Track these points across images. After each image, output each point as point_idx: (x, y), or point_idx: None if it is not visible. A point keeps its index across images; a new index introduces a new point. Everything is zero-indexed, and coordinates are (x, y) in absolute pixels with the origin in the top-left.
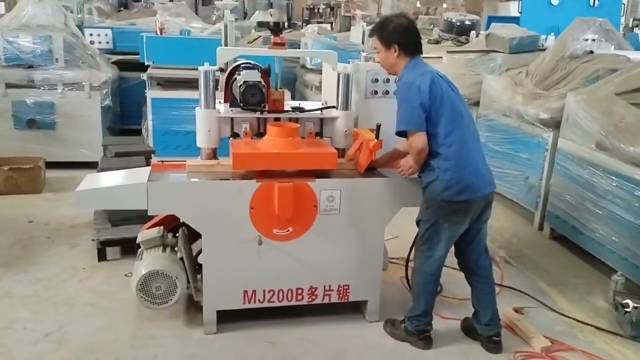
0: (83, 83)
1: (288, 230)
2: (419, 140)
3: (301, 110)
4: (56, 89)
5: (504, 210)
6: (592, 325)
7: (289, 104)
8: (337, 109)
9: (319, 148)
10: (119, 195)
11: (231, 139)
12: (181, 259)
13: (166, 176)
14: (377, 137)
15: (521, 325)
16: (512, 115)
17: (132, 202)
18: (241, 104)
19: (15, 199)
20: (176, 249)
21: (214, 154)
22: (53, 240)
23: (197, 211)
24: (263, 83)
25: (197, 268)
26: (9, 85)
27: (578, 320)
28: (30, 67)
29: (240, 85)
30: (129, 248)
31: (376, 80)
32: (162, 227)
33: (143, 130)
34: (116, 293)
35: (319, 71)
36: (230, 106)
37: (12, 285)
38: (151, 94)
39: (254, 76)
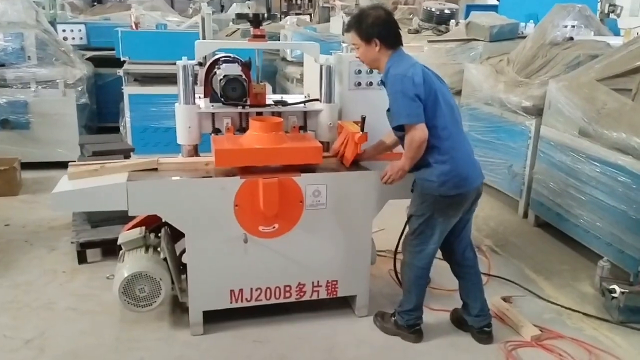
0: (57, 80)
1: (274, 227)
2: (421, 132)
3: (284, 103)
4: (29, 87)
5: (488, 199)
6: (579, 312)
7: (271, 97)
8: (320, 101)
9: (304, 142)
10: (98, 197)
11: (213, 135)
12: (164, 259)
13: (143, 176)
14: (362, 129)
15: (510, 314)
16: (495, 104)
17: (112, 203)
18: (222, 99)
19: None
20: (159, 249)
21: (195, 151)
22: (32, 244)
23: (179, 210)
24: (244, 77)
25: (182, 268)
26: None
27: (566, 307)
28: (2, 65)
29: (221, 80)
30: (110, 249)
31: (359, 72)
32: (144, 228)
33: (121, 128)
34: (98, 296)
35: (299, 64)
36: (211, 101)
37: None
38: (128, 90)
39: (235, 70)
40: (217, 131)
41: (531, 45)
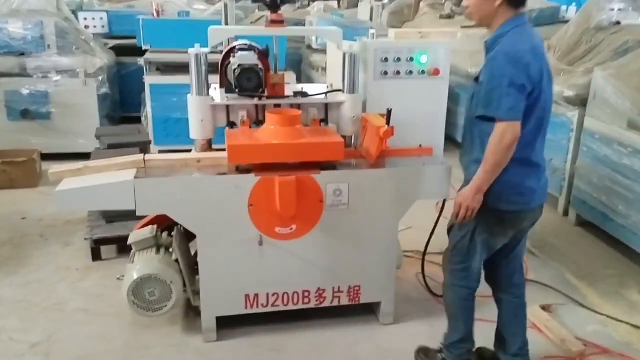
0: (77, 70)
1: (291, 228)
2: (514, 131)
3: (303, 94)
4: (50, 77)
5: None
6: (627, 323)
7: (291, 88)
8: (343, 92)
9: (324, 137)
10: (104, 195)
11: (227, 128)
12: (176, 260)
13: (152, 172)
14: (387, 122)
15: (551, 326)
16: None
17: (119, 202)
18: (236, 90)
19: (9, 194)
20: (171, 249)
21: (209, 146)
22: (46, 239)
23: (190, 210)
24: (260, 66)
25: (196, 268)
26: (0, 74)
27: (612, 318)
28: (22, 54)
29: (235, 69)
30: (126, 246)
31: (385, 60)
32: (155, 226)
33: (142, 118)
34: (110, 296)
35: (325, 51)
36: (226, 92)
37: (0, 289)
38: (149, 79)
39: (250, 58)
40: (231, 124)
41: (574, 29)
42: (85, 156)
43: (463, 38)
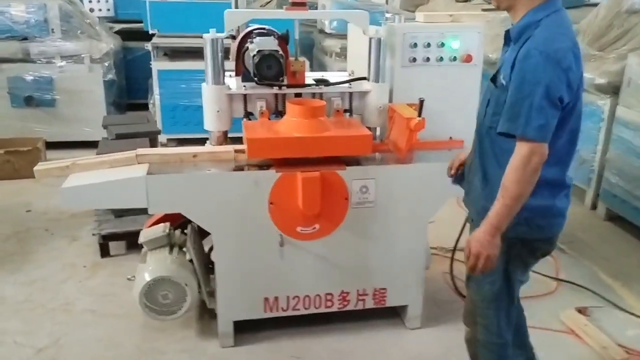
0: (82, 55)
1: (314, 228)
2: (543, 154)
3: (326, 83)
4: (54, 62)
5: None
6: None
7: (310, 75)
8: (368, 80)
9: (350, 130)
10: (113, 192)
11: (244, 119)
12: (191, 260)
13: (165, 168)
14: (419, 114)
15: (590, 331)
16: None
17: (129, 200)
18: (255, 78)
19: (13, 185)
20: (185, 249)
21: (224, 138)
22: (52, 233)
23: (206, 208)
24: (281, 52)
25: (211, 267)
26: (3, 60)
27: None
28: (25, 39)
29: (254, 56)
30: (136, 242)
31: (414, 45)
32: (168, 224)
33: (150, 106)
34: (120, 296)
35: (339, 36)
36: (243, 80)
37: (4, 287)
38: (157, 65)
39: (270, 44)
40: (249, 115)
41: (605, 13)
42: (91, 145)
43: (482, 22)
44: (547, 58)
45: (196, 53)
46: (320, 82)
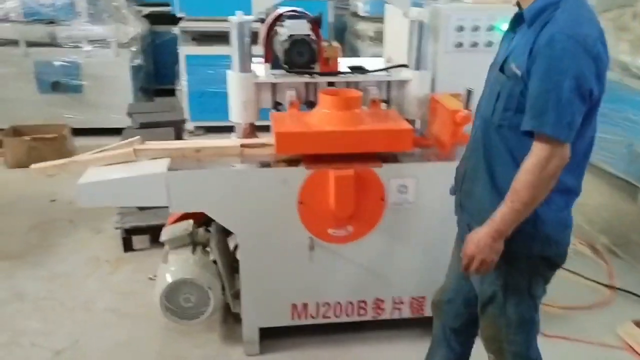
0: (109, 40)
1: (347, 230)
2: (565, 156)
3: (362, 70)
4: (81, 47)
5: (600, 182)
6: None
7: (343, 62)
8: (408, 68)
9: (389, 123)
10: (132, 190)
11: (272, 111)
12: (214, 261)
13: (187, 164)
14: (466, 106)
15: None
16: (614, 68)
17: (149, 198)
18: (285, 65)
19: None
20: (208, 248)
21: (252, 130)
22: (76, 225)
23: (230, 208)
24: (313, 37)
25: (235, 266)
26: (30, 44)
27: None
28: (51, 22)
29: (284, 41)
30: (159, 235)
31: (461, 29)
32: (191, 221)
33: (177, 92)
34: (142, 295)
35: (372, 19)
36: (273, 67)
37: (25, 283)
38: (184, 50)
39: (302, 28)
40: (277, 106)
41: None
42: (118, 132)
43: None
44: (576, 44)
45: (225, 37)
46: (356, 69)
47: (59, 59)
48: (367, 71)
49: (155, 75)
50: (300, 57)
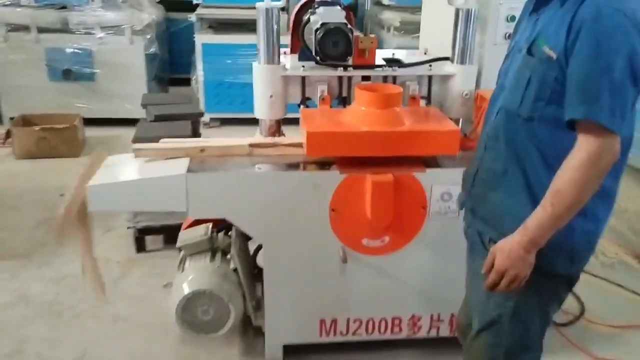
0: (123, 26)
1: (383, 241)
2: (616, 150)
3: (400, 64)
4: (94, 33)
5: (636, 186)
6: None
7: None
8: (451, 61)
9: (433, 123)
10: (148, 193)
11: (302, 107)
12: (235, 270)
13: (209, 163)
14: None
15: None
16: None
17: (166, 202)
18: (317, 57)
19: (49, 163)
20: (229, 256)
21: (278, 128)
22: None
23: (256, 214)
24: (350, 26)
25: (257, 274)
26: (41, 30)
27: None
28: (63, 7)
29: (317, 30)
30: (174, 236)
31: (512, 19)
32: (209, 225)
33: (192, 82)
34: (155, 301)
35: (399, 8)
36: (300, 59)
37: (30, 285)
38: (201, 38)
39: (337, 16)
40: (306, 101)
41: None
42: (131, 122)
43: None
44: (626, 18)
45: (244, 26)
46: (392, 62)
47: (71, 46)
48: (407, 65)
49: (170, 64)
50: (334, 48)
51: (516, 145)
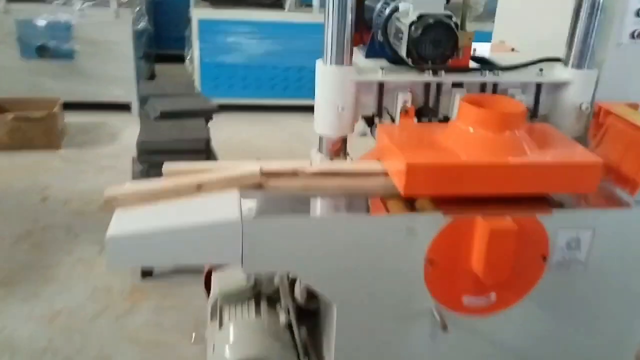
0: None
1: (489, 298)
2: None
3: (497, 66)
4: (73, 5)
5: None
6: None
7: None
8: (564, 64)
9: (564, 151)
10: (190, 246)
11: (378, 122)
12: (289, 326)
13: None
14: None
15: None
16: None
17: (213, 255)
18: (409, 59)
19: (25, 157)
20: (278, 307)
21: (342, 146)
22: (76, 234)
23: (330, 269)
24: (455, 19)
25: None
26: None
27: None
28: None
29: (414, 24)
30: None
31: None
32: None
33: (187, 62)
34: (173, 349)
35: None
36: (367, 55)
37: (16, 325)
38: (197, 13)
39: (436, 5)
40: (379, 113)
41: None
42: (116, 108)
43: None
44: None
45: None
46: (483, 63)
47: (47, 18)
48: (510, 67)
49: (157, 38)
50: (436, 48)
51: None
